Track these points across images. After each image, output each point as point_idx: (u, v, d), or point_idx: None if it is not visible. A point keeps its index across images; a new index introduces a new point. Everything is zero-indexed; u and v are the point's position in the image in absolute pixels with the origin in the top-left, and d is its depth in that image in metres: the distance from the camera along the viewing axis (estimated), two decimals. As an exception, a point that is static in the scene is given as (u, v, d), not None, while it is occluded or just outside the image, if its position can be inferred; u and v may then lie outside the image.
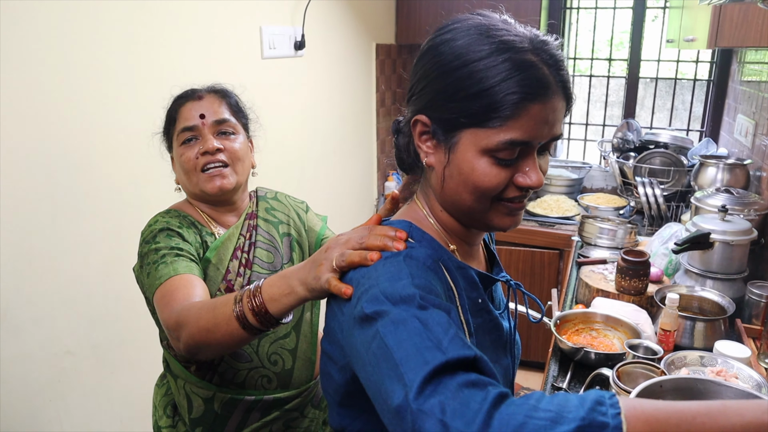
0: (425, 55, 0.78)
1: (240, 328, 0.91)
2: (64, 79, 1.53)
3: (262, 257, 1.31)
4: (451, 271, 0.80)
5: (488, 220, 0.80)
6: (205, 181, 1.23)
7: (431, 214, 0.85)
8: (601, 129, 3.56)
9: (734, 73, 2.98)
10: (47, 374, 1.57)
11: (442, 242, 0.83)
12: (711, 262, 1.82)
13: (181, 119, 1.25)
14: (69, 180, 1.57)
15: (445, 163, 0.77)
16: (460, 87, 0.73)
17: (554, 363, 1.59)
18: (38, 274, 1.52)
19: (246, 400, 1.25)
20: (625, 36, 3.42)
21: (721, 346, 1.45)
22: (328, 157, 2.82)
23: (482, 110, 0.72)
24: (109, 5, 1.61)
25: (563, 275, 2.86)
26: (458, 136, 0.75)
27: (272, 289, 0.89)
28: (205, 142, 1.23)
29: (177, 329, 1.01)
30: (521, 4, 2.99)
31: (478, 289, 0.84)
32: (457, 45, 0.74)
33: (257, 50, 2.24)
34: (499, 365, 0.88)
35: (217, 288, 1.23)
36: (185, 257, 1.17)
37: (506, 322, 0.92)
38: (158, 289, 1.11)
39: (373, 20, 3.06)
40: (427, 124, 0.78)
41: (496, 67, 0.71)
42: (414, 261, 0.73)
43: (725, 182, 2.34)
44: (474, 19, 0.77)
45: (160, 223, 1.22)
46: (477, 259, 0.91)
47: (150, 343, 1.78)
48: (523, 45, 0.73)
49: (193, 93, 1.28)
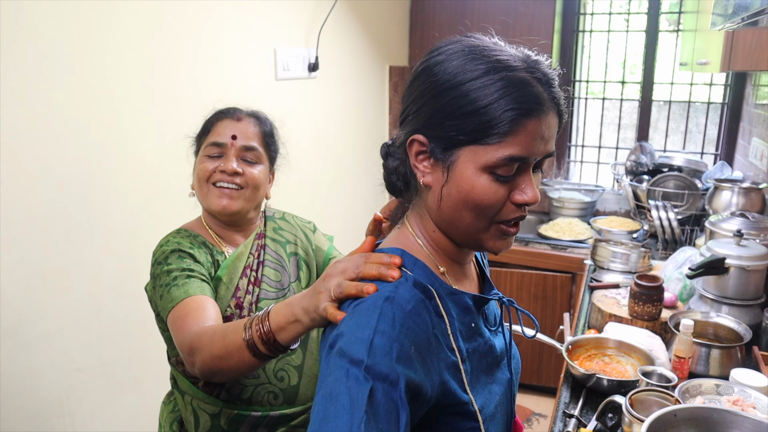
0: (419, 76, 0.79)
1: (251, 355, 0.95)
2: (80, 97, 1.55)
3: (270, 276, 1.33)
4: (443, 298, 0.80)
5: (482, 241, 0.80)
6: (214, 195, 1.27)
7: (423, 236, 0.85)
8: (614, 152, 3.54)
9: (749, 96, 2.96)
10: (56, 391, 1.57)
11: (433, 266, 0.83)
12: (726, 288, 1.79)
13: (213, 133, 1.29)
14: (82, 197, 1.59)
15: (443, 181, 0.77)
16: (457, 105, 0.73)
17: (566, 389, 1.56)
18: (50, 290, 1.53)
19: (252, 416, 1.27)
20: (638, 59, 3.42)
21: (738, 375, 1.42)
22: (340, 177, 2.83)
23: (480, 127, 0.73)
24: (126, 26, 1.64)
25: (575, 299, 2.82)
26: (456, 154, 0.75)
27: (278, 317, 0.92)
28: (226, 163, 1.26)
29: (191, 355, 1.06)
30: (534, 27, 3.01)
31: (471, 312, 0.84)
32: (453, 65, 0.75)
33: (271, 71, 2.27)
34: (497, 384, 0.87)
35: (227, 305, 1.26)
36: (196, 278, 1.20)
37: (501, 337, 0.92)
38: (171, 311, 1.15)
39: (386, 42, 3.09)
40: (424, 143, 0.78)
41: (493, 85, 0.72)
42: (394, 306, 0.72)
43: (740, 206, 2.32)
44: (466, 40, 0.78)
45: (171, 244, 1.25)
46: (469, 278, 0.91)
47: (158, 361, 1.78)
48: (517, 64, 0.74)
49: (233, 112, 1.32)
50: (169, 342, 1.30)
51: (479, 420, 0.78)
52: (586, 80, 3.54)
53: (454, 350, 0.78)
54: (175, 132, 1.34)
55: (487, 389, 0.84)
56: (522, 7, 3.02)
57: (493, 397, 0.84)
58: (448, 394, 0.76)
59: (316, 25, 2.46)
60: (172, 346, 1.29)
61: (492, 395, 0.84)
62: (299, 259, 1.40)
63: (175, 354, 1.28)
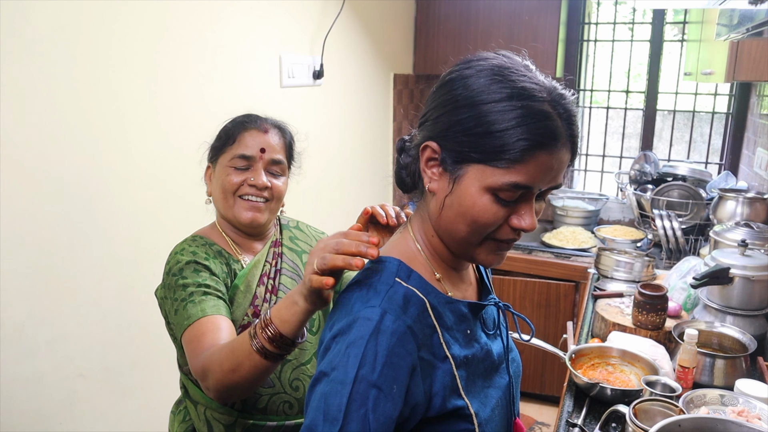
0: (445, 85, 0.81)
1: (262, 359, 0.98)
2: (86, 104, 1.56)
3: (286, 284, 1.34)
4: (437, 308, 0.82)
5: (475, 254, 0.83)
6: (241, 208, 1.27)
7: (423, 240, 0.87)
8: (619, 161, 3.54)
9: (753, 106, 2.96)
10: (59, 397, 1.57)
11: (429, 273, 0.86)
12: (731, 298, 1.79)
13: (241, 145, 1.27)
14: (87, 203, 1.59)
15: (447, 191, 0.80)
16: (475, 124, 0.75)
17: (569, 398, 1.56)
18: (54, 296, 1.54)
19: (268, 426, 1.26)
20: (643, 68, 3.43)
21: (743, 385, 1.41)
22: (344, 184, 2.84)
23: (492, 149, 0.75)
24: (131, 32, 1.66)
25: (579, 308, 2.82)
26: (465, 168, 0.77)
27: (280, 312, 0.96)
28: (257, 177, 1.26)
29: (204, 378, 1.07)
30: (539, 36, 3.02)
31: (467, 320, 0.87)
32: (478, 82, 0.76)
33: (276, 79, 2.28)
34: (494, 388, 0.89)
35: (244, 313, 1.26)
36: (212, 294, 1.19)
37: (500, 341, 0.95)
38: (186, 330, 1.15)
39: (391, 50, 3.11)
40: (436, 151, 0.80)
41: (512, 111, 0.74)
42: (378, 344, 0.74)
43: (745, 216, 2.31)
44: (498, 59, 0.79)
45: (187, 254, 1.24)
46: (466, 283, 0.93)
47: (163, 368, 1.78)
48: (542, 95, 0.75)
49: (259, 122, 1.31)
50: (180, 349, 1.29)
51: (474, 423, 0.81)
52: (590, 89, 3.55)
53: (448, 358, 0.81)
54: (180, 138, 1.34)
55: (484, 393, 0.86)
56: (527, 16, 3.03)
57: (489, 401, 0.86)
58: (441, 404, 0.79)
59: (321, 32, 2.47)
60: (182, 355, 1.28)
61: (488, 399, 0.86)
62: None
63: (187, 363, 1.28)
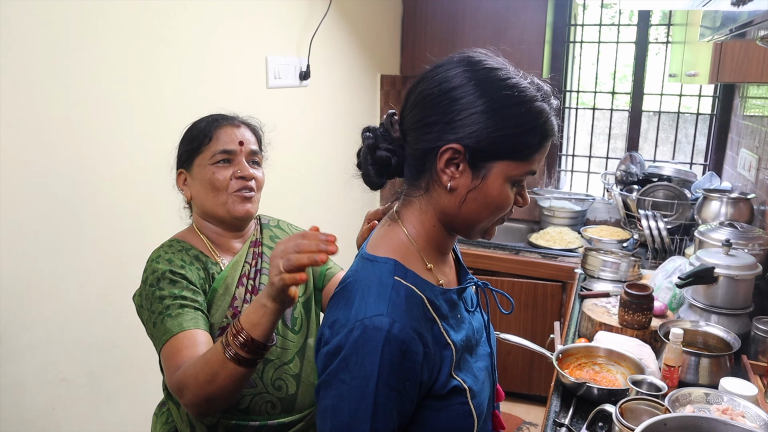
0: (453, 90, 0.84)
1: (237, 366, 1.02)
2: (68, 104, 1.54)
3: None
4: (434, 302, 0.89)
5: (487, 231, 0.93)
6: (236, 202, 1.28)
7: (417, 230, 0.92)
8: (605, 161, 3.57)
9: (737, 108, 2.99)
10: (41, 402, 1.55)
11: (422, 265, 0.92)
12: (715, 297, 1.80)
13: (220, 141, 1.29)
14: (69, 205, 1.57)
15: (471, 187, 0.86)
16: (513, 124, 0.84)
17: (556, 398, 1.56)
18: (36, 299, 1.51)
19: (251, 426, 1.26)
20: (628, 69, 3.45)
21: (727, 384, 1.43)
22: (331, 186, 2.83)
23: (517, 147, 0.85)
24: (116, 32, 1.64)
25: (566, 308, 2.83)
26: (492, 165, 0.85)
27: (249, 317, 1.01)
28: (243, 168, 1.29)
29: (181, 394, 1.08)
30: (525, 37, 3.03)
31: (457, 304, 0.95)
32: (491, 88, 0.84)
33: (262, 80, 2.27)
34: (481, 360, 0.98)
35: (224, 315, 1.26)
36: (189, 307, 1.19)
37: (479, 316, 1.03)
38: (165, 346, 1.15)
39: (378, 51, 3.10)
40: (460, 151, 0.84)
41: (539, 108, 0.85)
42: (394, 345, 0.80)
43: (729, 216, 2.33)
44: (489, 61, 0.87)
45: (162, 262, 1.23)
46: (449, 265, 1.00)
47: (147, 371, 1.76)
48: (537, 94, 0.86)
49: (231, 119, 1.34)
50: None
51: (468, 397, 0.89)
52: (576, 90, 3.57)
53: (449, 344, 0.89)
54: (164, 140, 1.33)
55: (473, 367, 0.94)
56: (513, 17, 3.04)
57: (479, 374, 0.95)
58: (442, 384, 0.87)
59: (307, 33, 2.47)
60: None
61: (478, 372, 0.95)
62: None
63: None
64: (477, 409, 0.90)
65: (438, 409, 0.87)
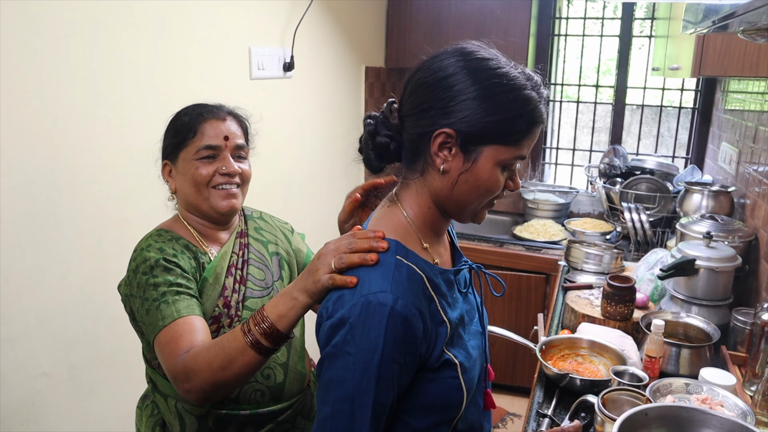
0: (448, 78, 0.89)
1: (256, 354, 1.01)
2: (48, 94, 1.51)
3: (254, 274, 1.34)
4: (432, 280, 0.93)
5: (476, 214, 0.97)
6: (218, 198, 1.27)
7: (414, 211, 0.96)
8: (588, 154, 3.59)
9: (718, 102, 3.03)
10: (21, 396, 1.53)
11: (419, 245, 0.96)
12: (696, 289, 1.82)
13: (204, 136, 1.27)
14: (48, 197, 1.55)
15: (462, 169, 0.90)
16: (492, 112, 0.87)
17: (539, 389, 1.57)
18: (14, 293, 1.49)
19: (241, 415, 1.27)
20: (612, 63, 3.47)
21: (707, 374, 1.45)
22: (315, 178, 2.81)
23: (507, 132, 0.89)
24: (96, 23, 1.61)
25: (549, 300, 2.85)
26: (482, 149, 0.89)
27: (277, 308, 0.99)
28: (228, 165, 1.27)
29: (186, 379, 1.06)
30: (510, 30, 3.03)
31: (453, 285, 0.99)
32: (483, 76, 0.88)
33: (246, 71, 2.24)
34: (473, 338, 1.01)
35: (215, 304, 1.26)
36: (185, 294, 1.19)
37: (471, 297, 1.06)
38: (161, 332, 1.14)
39: (363, 43, 3.09)
40: (451, 135, 0.89)
41: (528, 96, 0.89)
42: (397, 320, 0.84)
43: (710, 209, 2.36)
44: (481, 51, 0.91)
45: (154, 250, 1.22)
46: (443, 246, 1.04)
47: (129, 365, 1.75)
48: (527, 83, 0.90)
49: (216, 111, 1.31)
50: (147, 345, 1.27)
51: (458, 371, 0.93)
52: (561, 83, 3.58)
53: (444, 321, 0.92)
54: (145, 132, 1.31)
55: (468, 345, 0.98)
56: (498, 10, 3.04)
57: (472, 351, 0.98)
58: (437, 358, 0.91)
59: (291, 24, 2.44)
60: (150, 349, 1.26)
61: (472, 350, 0.98)
62: (281, 259, 1.41)
63: (156, 357, 1.26)
64: (467, 384, 0.94)
65: (429, 380, 0.91)
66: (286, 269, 1.41)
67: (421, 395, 0.92)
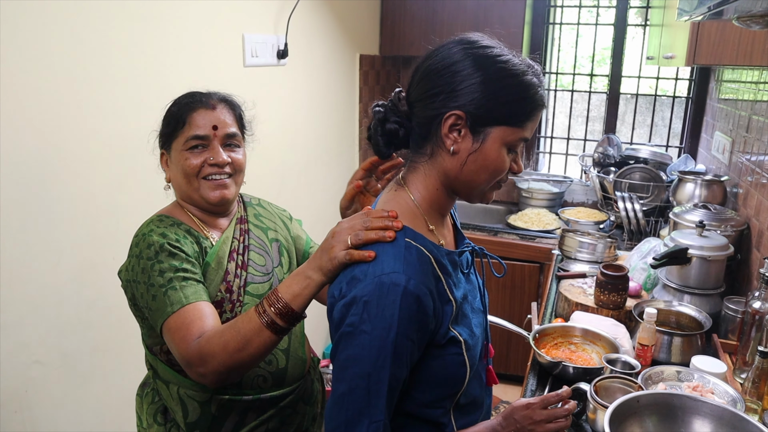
0: (456, 64, 0.93)
1: (272, 334, 1.04)
2: (40, 82, 1.50)
3: (255, 260, 1.35)
4: (440, 261, 0.97)
5: (484, 194, 1.01)
6: (208, 188, 1.26)
7: (421, 193, 1.00)
8: (583, 143, 3.59)
9: (712, 91, 3.03)
10: (13, 384, 1.52)
11: (425, 227, 1.00)
12: (689, 277, 1.83)
13: (192, 126, 1.25)
14: (42, 185, 1.54)
15: (471, 150, 0.94)
16: (508, 92, 0.92)
17: (533, 377, 1.58)
18: (6, 280, 1.48)
19: (244, 401, 1.28)
20: (607, 52, 3.47)
21: (698, 362, 1.46)
22: (309, 166, 2.81)
23: (514, 113, 0.93)
24: (89, 9, 1.59)
25: (543, 289, 2.86)
26: (490, 130, 0.93)
27: (291, 288, 1.02)
28: (216, 155, 1.26)
29: (201, 363, 1.08)
30: (505, 18, 3.01)
31: (458, 265, 1.03)
32: (490, 61, 0.93)
33: (239, 58, 2.22)
34: (476, 316, 1.05)
35: (217, 289, 1.26)
36: (192, 279, 1.18)
37: (473, 278, 1.10)
38: (170, 318, 1.14)
39: (357, 31, 3.07)
40: (462, 117, 0.93)
41: (530, 81, 0.94)
42: (410, 299, 0.88)
43: (703, 198, 2.37)
44: (485, 40, 0.97)
45: (156, 235, 1.21)
46: (447, 228, 1.08)
47: (124, 352, 1.74)
48: (529, 69, 0.95)
49: (206, 100, 1.28)
50: (148, 331, 1.27)
51: (462, 348, 0.97)
52: (555, 72, 3.58)
53: (451, 301, 0.96)
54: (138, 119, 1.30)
55: (472, 323, 1.02)
56: (493, -3, 3.02)
57: (476, 329, 1.02)
58: (443, 335, 0.95)
59: (285, 11, 2.42)
60: (152, 336, 1.26)
61: (475, 328, 1.02)
62: (280, 245, 1.42)
63: (158, 343, 1.26)
64: (470, 360, 0.99)
65: (435, 356, 0.95)
66: (285, 256, 1.41)
67: (427, 371, 0.95)
